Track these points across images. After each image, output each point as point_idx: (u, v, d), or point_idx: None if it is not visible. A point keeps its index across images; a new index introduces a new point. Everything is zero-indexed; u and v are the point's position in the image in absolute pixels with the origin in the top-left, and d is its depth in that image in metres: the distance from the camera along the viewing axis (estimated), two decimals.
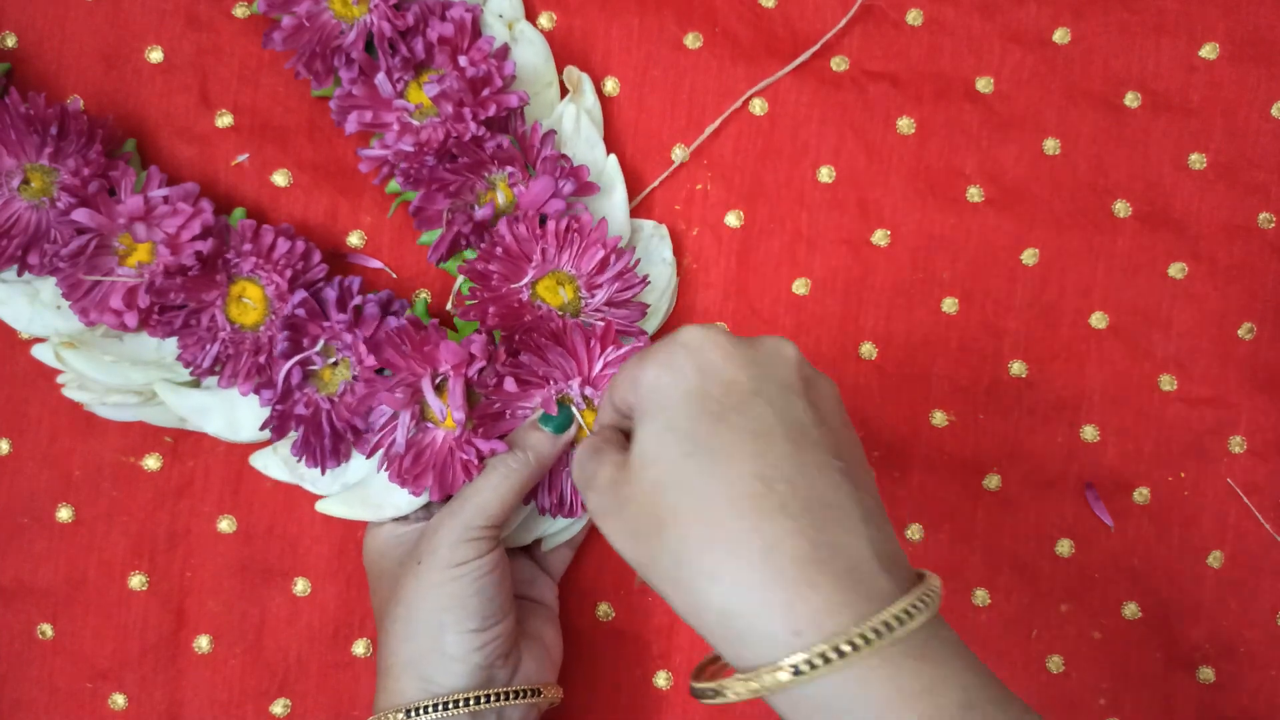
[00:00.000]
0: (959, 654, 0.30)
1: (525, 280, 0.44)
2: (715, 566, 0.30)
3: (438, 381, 0.43)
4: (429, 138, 0.44)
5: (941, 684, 0.28)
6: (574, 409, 0.43)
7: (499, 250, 0.43)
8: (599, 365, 0.44)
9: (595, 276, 0.45)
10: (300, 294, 0.44)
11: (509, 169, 0.45)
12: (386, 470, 0.43)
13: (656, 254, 0.48)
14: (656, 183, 0.49)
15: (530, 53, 0.47)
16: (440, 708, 0.40)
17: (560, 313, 0.44)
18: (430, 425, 0.44)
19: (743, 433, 0.31)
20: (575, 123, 0.47)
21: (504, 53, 0.46)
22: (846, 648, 0.28)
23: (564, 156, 0.45)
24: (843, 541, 0.30)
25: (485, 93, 0.44)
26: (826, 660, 0.28)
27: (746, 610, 0.29)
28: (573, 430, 0.43)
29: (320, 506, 0.45)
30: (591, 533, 0.49)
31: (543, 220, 0.44)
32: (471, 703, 0.40)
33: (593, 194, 0.46)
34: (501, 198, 0.45)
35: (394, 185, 0.46)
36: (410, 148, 0.44)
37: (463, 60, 0.45)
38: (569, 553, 0.48)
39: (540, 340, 0.43)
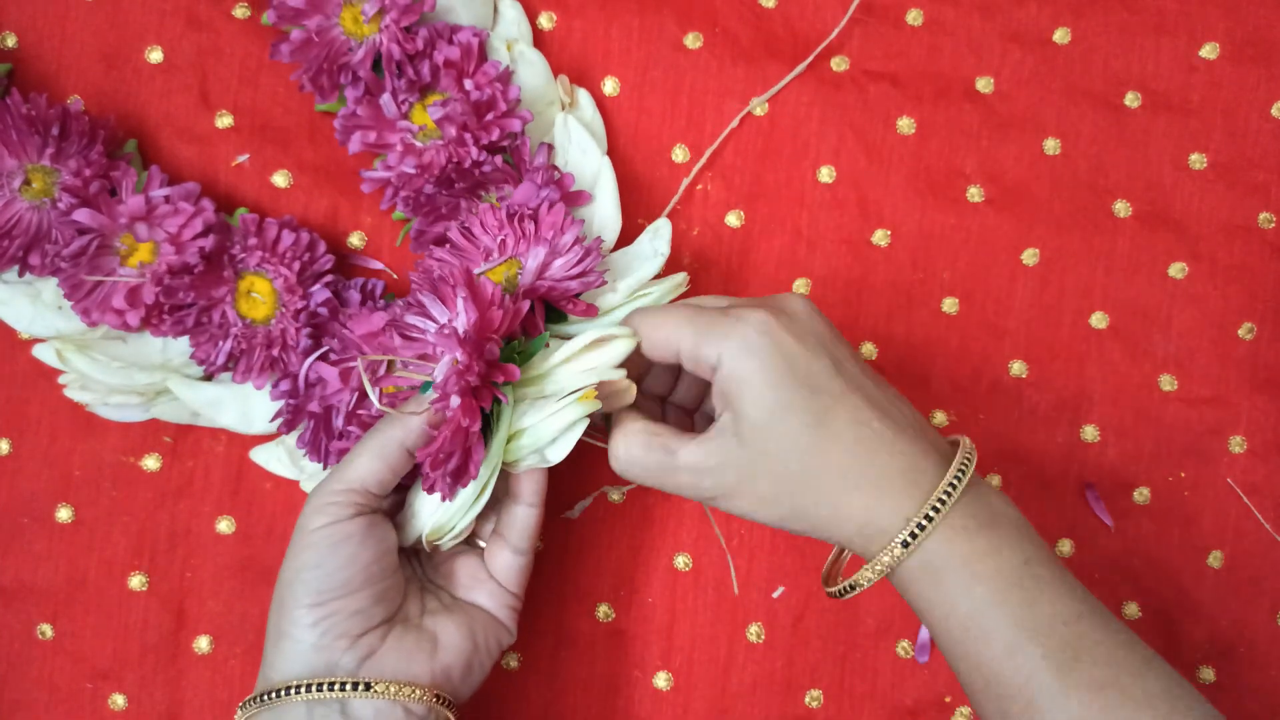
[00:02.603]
0: (1020, 526, 0.39)
1: (482, 268, 0.43)
2: (853, 499, 0.38)
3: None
4: (431, 160, 0.44)
5: (1006, 545, 0.38)
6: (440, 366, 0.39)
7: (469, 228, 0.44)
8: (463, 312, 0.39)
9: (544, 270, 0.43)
10: (324, 293, 0.44)
11: (504, 186, 0.45)
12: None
13: (650, 248, 0.47)
14: (674, 201, 0.49)
15: (530, 73, 0.47)
16: (268, 698, 0.38)
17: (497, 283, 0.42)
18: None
19: (833, 394, 0.38)
20: (565, 129, 0.47)
21: (508, 77, 0.46)
22: (933, 513, 0.37)
23: (553, 167, 0.45)
24: (913, 447, 0.38)
25: (489, 117, 0.44)
26: (920, 529, 0.37)
27: (874, 518, 0.38)
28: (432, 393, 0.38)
29: (253, 452, 0.46)
30: (591, 535, 0.49)
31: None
32: (294, 691, 0.37)
33: (583, 203, 0.46)
34: None
35: (399, 214, 0.46)
36: (412, 170, 0.44)
37: (468, 84, 0.45)
38: (514, 559, 0.43)
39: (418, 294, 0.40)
